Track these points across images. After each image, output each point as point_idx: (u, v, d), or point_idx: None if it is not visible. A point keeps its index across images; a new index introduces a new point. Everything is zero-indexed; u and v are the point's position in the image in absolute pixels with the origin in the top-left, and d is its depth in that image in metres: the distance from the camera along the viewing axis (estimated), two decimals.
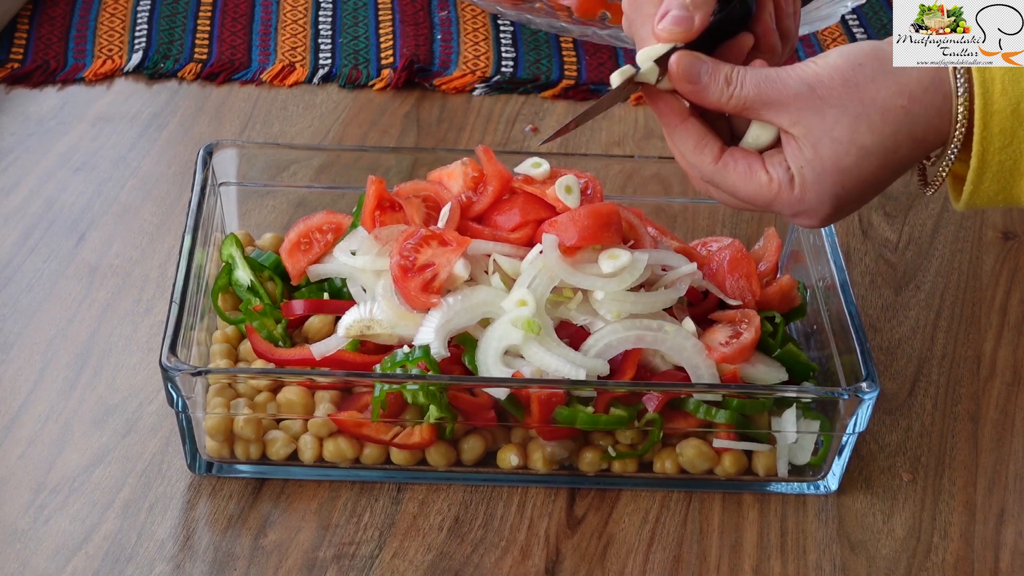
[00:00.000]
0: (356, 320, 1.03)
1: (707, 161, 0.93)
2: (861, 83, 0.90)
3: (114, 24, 1.48)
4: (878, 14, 1.57)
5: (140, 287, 1.17)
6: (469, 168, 1.10)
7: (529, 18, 1.47)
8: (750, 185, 0.92)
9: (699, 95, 0.92)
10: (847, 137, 0.90)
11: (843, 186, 0.91)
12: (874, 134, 0.89)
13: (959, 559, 1.02)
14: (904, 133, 0.90)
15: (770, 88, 0.91)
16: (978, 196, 0.91)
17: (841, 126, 0.90)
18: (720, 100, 0.92)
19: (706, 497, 1.04)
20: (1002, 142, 0.89)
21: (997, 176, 0.90)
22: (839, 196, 0.91)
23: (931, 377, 1.16)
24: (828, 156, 0.90)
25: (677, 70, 0.92)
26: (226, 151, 1.16)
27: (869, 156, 0.90)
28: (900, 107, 0.89)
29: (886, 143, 0.90)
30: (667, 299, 1.05)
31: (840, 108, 0.89)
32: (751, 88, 0.91)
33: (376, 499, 1.03)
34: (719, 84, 0.92)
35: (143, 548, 0.98)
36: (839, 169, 0.90)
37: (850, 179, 0.91)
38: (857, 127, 0.89)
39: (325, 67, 1.44)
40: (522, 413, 1.01)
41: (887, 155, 0.90)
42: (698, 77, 0.92)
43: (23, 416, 1.06)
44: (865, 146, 0.90)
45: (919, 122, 0.90)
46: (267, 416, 1.03)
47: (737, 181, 0.93)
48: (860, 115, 0.89)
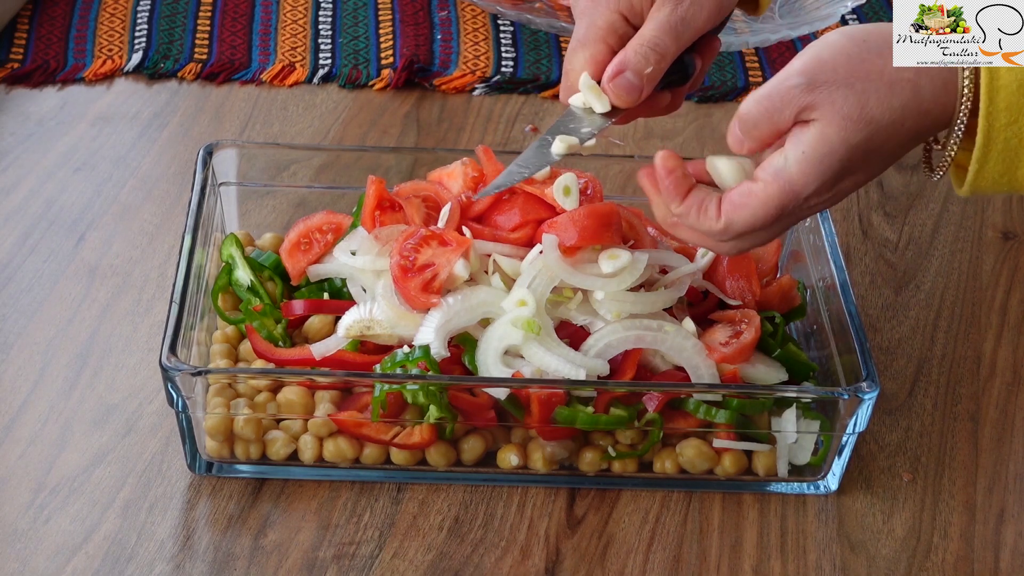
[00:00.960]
0: (356, 320, 1.03)
1: (713, 223, 0.93)
2: (867, 57, 0.90)
3: (114, 24, 1.48)
4: (878, 14, 1.57)
5: (140, 287, 1.17)
6: (469, 168, 1.10)
7: (529, 18, 1.47)
8: (751, 205, 0.92)
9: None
10: (856, 113, 0.89)
11: (850, 159, 0.90)
12: (883, 107, 0.89)
13: (959, 559, 1.02)
14: (912, 106, 0.90)
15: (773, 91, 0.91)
16: (983, 178, 0.91)
17: (850, 103, 0.89)
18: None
19: (706, 497, 1.04)
20: (1008, 118, 0.88)
21: (1002, 155, 0.89)
22: (844, 168, 0.91)
23: (931, 377, 1.16)
24: (835, 132, 0.90)
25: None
26: (226, 151, 1.16)
27: (879, 129, 0.90)
28: (907, 79, 0.89)
29: (894, 116, 0.90)
30: (667, 299, 1.05)
31: (848, 86, 0.89)
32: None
33: (376, 499, 1.03)
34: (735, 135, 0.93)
35: (143, 548, 0.98)
36: (848, 144, 0.90)
37: (857, 152, 0.90)
38: (866, 102, 0.89)
39: (325, 67, 1.44)
40: (522, 413, 1.01)
41: (894, 127, 0.90)
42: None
43: (23, 416, 1.06)
44: (875, 119, 0.89)
45: (925, 95, 0.90)
46: (267, 416, 1.03)
47: (746, 215, 0.92)
48: (868, 89, 0.89)
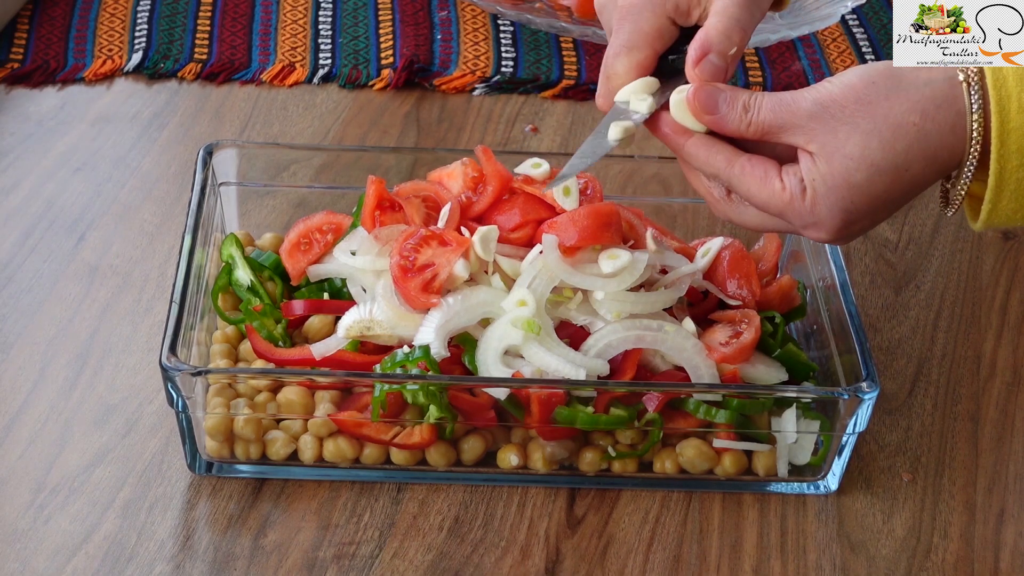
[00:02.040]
0: (356, 320, 1.03)
1: (722, 163, 0.93)
2: (874, 100, 0.90)
3: (114, 24, 1.48)
4: (878, 14, 1.57)
5: (140, 287, 1.17)
6: (469, 168, 1.10)
7: (529, 18, 1.47)
8: (763, 191, 0.93)
9: (719, 124, 0.93)
10: (858, 153, 0.90)
11: (852, 201, 0.91)
12: (885, 151, 0.90)
13: (959, 559, 1.02)
14: (916, 151, 0.90)
15: (786, 112, 0.91)
16: (996, 215, 0.91)
17: (853, 142, 0.90)
18: (739, 128, 0.93)
19: (706, 497, 1.05)
20: (1020, 160, 0.88)
21: (1015, 194, 0.90)
22: (848, 211, 0.91)
23: (931, 377, 1.16)
24: (839, 171, 0.90)
25: (696, 102, 0.93)
26: (226, 151, 1.16)
27: (880, 173, 0.90)
28: (912, 124, 0.89)
29: (897, 160, 0.90)
30: (667, 299, 1.05)
31: (852, 125, 0.90)
32: (768, 114, 0.92)
33: (376, 499, 1.03)
34: (737, 112, 0.93)
35: (143, 548, 0.98)
36: (850, 184, 0.90)
37: (860, 195, 0.91)
38: (868, 144, 0.90)
39: (325, 67, 1.44)
40: (522, 413, 1.01)
41: (899, 172, 0.90)
42: (716, 107, 0.93)
43: (23, 416, 1.06)
44: (876, 163, 0.90)
45: (932, 140, 0.90)
46: (267, 416, 1.03)
47: (752, 185, 0.93)
48: (872, 131, 0.89)
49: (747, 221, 0.97)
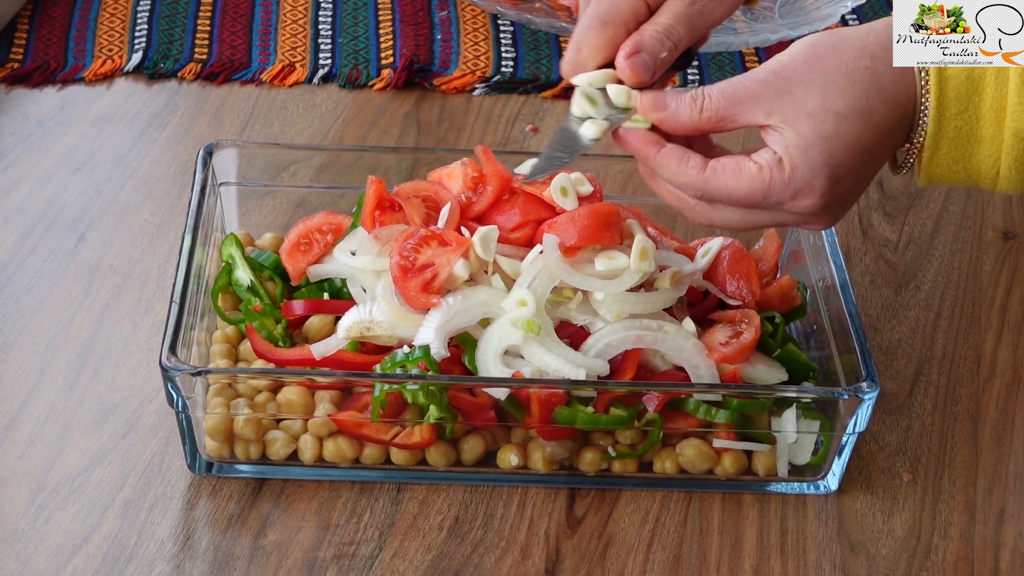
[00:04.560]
0: (356, 321, 1.03)
1: (695, 173, 0.94)
2: (821, 55, 0.92)
3: (114, 24, 1.48)
4: (878, 14, 1.57)
5: (140, 287, 1.17)
6: (469, 168, 1.10)
7: (529, 18, 1.47)
8: (742, 181, 0.93)
9: (672, 119, 0.95)
10: (820, 107, 0.91)
11: (831, 155, 0.92)
12: (845, 97, 0.91)
13: (959, 559, 1.02)
14: (874, 93, 0.91)
15: (736, 89, 0.93)
16: (936, 166, 0.93)
17: (812, 99, 0.91)
18: (692, 117, 0.94)
19: (706, 497, 1.05)
20: (957, 108, 0.91)
21: (954, 143, 0.91)
22: (830, 165, 0.92)
23: (931, 377, 1.16)
24: (808, 129, 0.92)
25: (644, 102, 0.95)
26: (226, 151, 1.16)
27: (846, 120, 0.91)
28: (864, 67, 0.91)
29: (859, 105, 0.91)
30: (667, 299, 1.05)
31: (806, 83, 0.92)
32: (719, 97, 0.93)
33: (376, 499, 1.03)
34: (687, 103, 0.94)
35: (143, 548, 0.98)
36: (822, 138, 0.92)
37: (836, 145, 0.92)
38: (827, 95, 0.91)
39: (325, 67, 1.44)
40: (522, 413, 1.01)
41: (864, 117, 0.91)
42: (665, 104, 0.95)
43: (23, 416, 1.06)
44: (840, 111, 0.91)
45: (887, 80, 0.92)
46: (267, 416, 1.03)
47: (729, 181, 0.94)
48: (827, 83, 0.91)
49: (728, 220, 0.97)
